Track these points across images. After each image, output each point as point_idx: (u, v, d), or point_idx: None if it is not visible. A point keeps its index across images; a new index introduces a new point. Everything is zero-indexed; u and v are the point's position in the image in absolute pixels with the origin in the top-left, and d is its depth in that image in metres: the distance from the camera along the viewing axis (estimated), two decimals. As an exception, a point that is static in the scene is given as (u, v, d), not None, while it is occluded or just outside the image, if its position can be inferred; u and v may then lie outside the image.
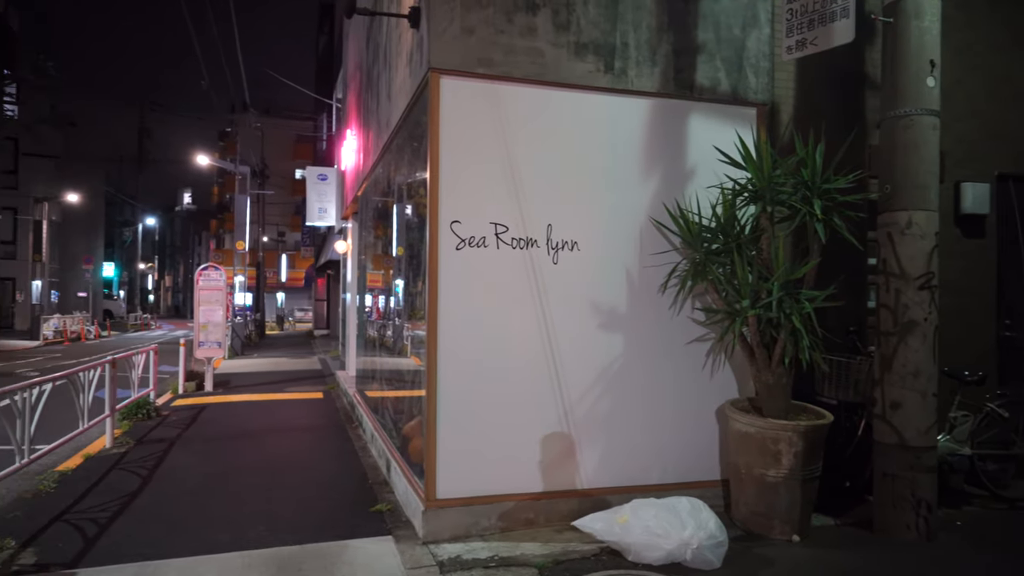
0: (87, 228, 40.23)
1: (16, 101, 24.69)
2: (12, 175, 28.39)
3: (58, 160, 33.68)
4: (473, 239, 4.35)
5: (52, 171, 33.44)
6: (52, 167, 33.40)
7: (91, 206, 39.32)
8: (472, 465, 4.33)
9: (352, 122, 10.15)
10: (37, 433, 5.13)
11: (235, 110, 35.65)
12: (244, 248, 22.15)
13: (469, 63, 4.32)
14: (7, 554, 4.01)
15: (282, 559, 3.95)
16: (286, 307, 46.25)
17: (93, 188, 38.98)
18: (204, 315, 11.57)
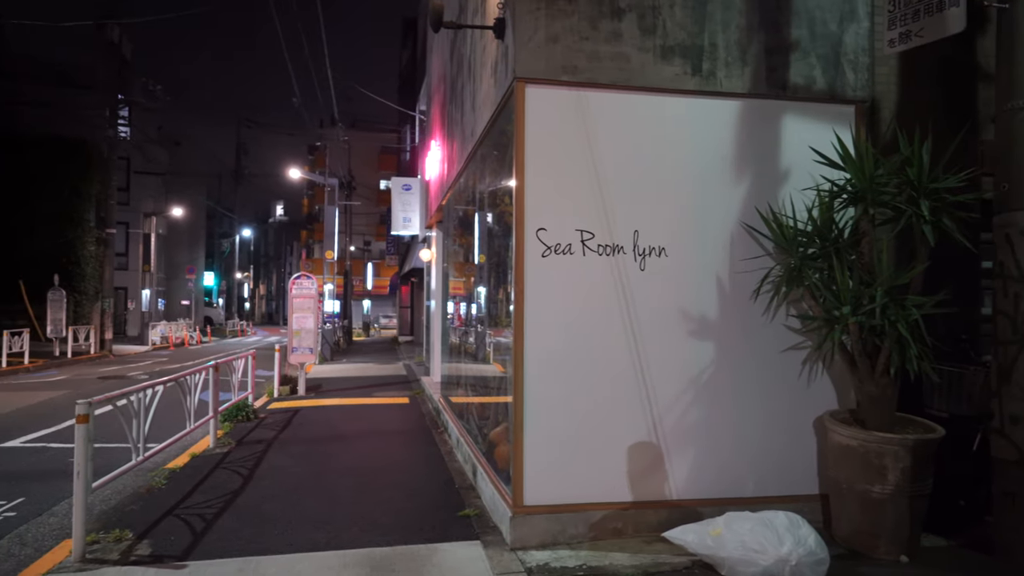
0: (190, 240, 42.75)
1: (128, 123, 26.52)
2: (124, 192, 30.50)
3: (164, 177, 35.97)
4: (559, 246, 4.35)
5: (159, 187, 35.77)
6: (159, 184, 35.72)
7: (193, 219, 41.77)
8: (559, 473, 4.32)
9: (436, 133, 10.36)
10: (149, 432, 5.45)
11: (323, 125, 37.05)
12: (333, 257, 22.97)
13: (554, 71, 4.33)
14: (126, 544, 4.28)
15: (375, 559, 4.05)
16: (372, 314, 47.60)
17: (195, 202, 41.41)
18: (297, 322, 12.05)
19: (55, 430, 8.38)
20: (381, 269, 46.22)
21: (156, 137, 33.07)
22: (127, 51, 24.88)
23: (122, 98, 22.90)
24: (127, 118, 25.69)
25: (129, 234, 32.77)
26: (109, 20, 19.39)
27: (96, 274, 25.88)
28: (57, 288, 20.25)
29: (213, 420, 7.34)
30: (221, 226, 51.60)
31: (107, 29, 20.43)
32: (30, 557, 4.24)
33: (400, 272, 32.19)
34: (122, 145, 24.93)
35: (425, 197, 13.55)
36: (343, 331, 25.96)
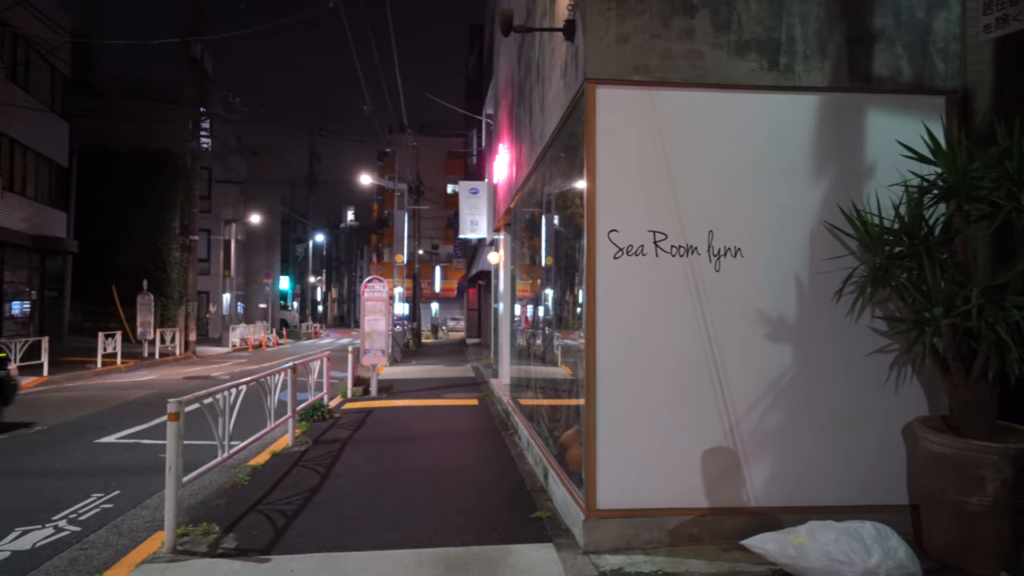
0: (266, 245, 44.39)
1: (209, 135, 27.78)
2: (206, 200, 31.94)
3: (243, 185, 37.46)
4: (631, 248, 4.31)
5: (238, 195, 37.29)
6: (238, 192, 37.25)
7: (269, 225, 43.36)
8: (633, 477, 4.27)
9: (504, 136, 10.41)
10: (233, 430, 5.67)
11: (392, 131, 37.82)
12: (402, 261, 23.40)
13: (625, 71, 4.29)
14: (213, 537, 4.47)
15: (450, 559, 4.09)
16: (439, 316, 48.26)
17: (271, 209, 42.98)
18: (369, 324, 12.32)
19: (146, 427, 8.83)
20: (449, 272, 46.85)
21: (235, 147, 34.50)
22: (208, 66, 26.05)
23: (204, 111, 24.00)
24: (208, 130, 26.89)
25: (211, 240, 34.28)
26: (192, 38, 20.34)
27: (181, 279, 27.16)
28: (146, 293, 21.34)
29: (291, 419, 7.58)
30: (295, 232, 53.35)
31: (190, 46, 21.43)
32: (126, 547, 4.47)
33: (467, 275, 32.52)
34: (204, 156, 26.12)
35: (492, 200, 13.64)
36: (412, 333, 26.41)
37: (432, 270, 46.22)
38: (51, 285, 23.10)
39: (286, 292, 51.34)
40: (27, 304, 21.29)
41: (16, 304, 20.68)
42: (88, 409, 10.36)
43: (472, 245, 27.65)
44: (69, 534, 4.74)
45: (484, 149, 19.49)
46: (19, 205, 20.27)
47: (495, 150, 11.92)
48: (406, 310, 31.11)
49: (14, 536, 4.67)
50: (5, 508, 5.28)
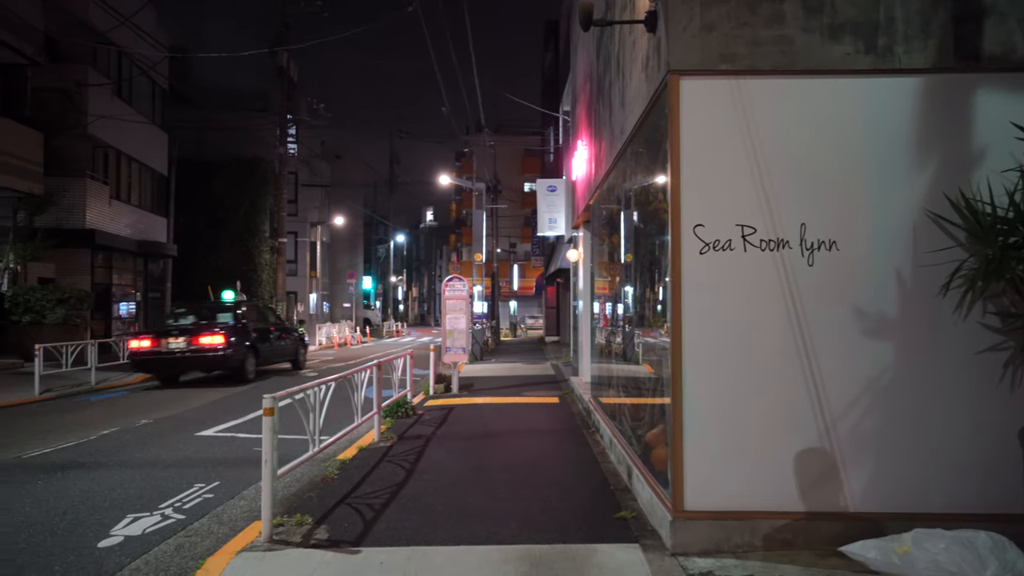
0: (350, 246, 45.77)
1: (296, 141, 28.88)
2: (293, 204, 33.22)
3: (327, 188, 38.74)
4: (718, 242, 4.19)
5: (323, 198, 38.61)
6: (323, 195, 38.55)
7: (352, 227, 44.69)
8: (722, 478, 4.15)
9: (582, 133, 10.34)
10: (322, 426, 5.86)
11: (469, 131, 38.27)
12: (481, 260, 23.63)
13: (710, 61, 4.17)
14: (306, 528, 4.63)
15: (534, 556, 4.09)
16: (518, 315, 48.48)
17: (354, 211, 44.28)
18: (450, 323, 12.50)
19: (241, 421, 9.25)
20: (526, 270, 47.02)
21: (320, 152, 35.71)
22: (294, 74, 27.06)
23: (291, 117, 24.95)
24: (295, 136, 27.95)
25: (298, 242, 35.65)
26: (280, 47, 21.17)
27: (271, 280, 28.37)
28: (240, 293, 22.36)
29: (377, 416, 7.77)
30: (377, 233, 54.79)
31: (277, 55, 22.31)
32: (226, 535, 4.69)
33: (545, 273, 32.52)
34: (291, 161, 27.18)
35: (571, 198, 13.58)
36: (491, 331, 26.64)
37: (510, 268, 46.50)
38: (153, 287, 24.56)
39: (369, 292, 52.78)
40: (133, 305, 22.72)
41: (124, 305, 22.10)
42: (189, 403, 10.95)
43: (550, 243, 27.63)
44: (175, 521, 5.01)
45: (561, 146, 19.43)
46: (125, 212, 21.64)
47: (573, 147, 11.86)
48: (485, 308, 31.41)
49: (127, 522, 4.97)
50: (119, 496, 5.64)
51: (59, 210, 18.50)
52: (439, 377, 12.25)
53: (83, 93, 18.82)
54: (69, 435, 8.20)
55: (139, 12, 18.06)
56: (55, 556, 4.30)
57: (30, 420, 9.31)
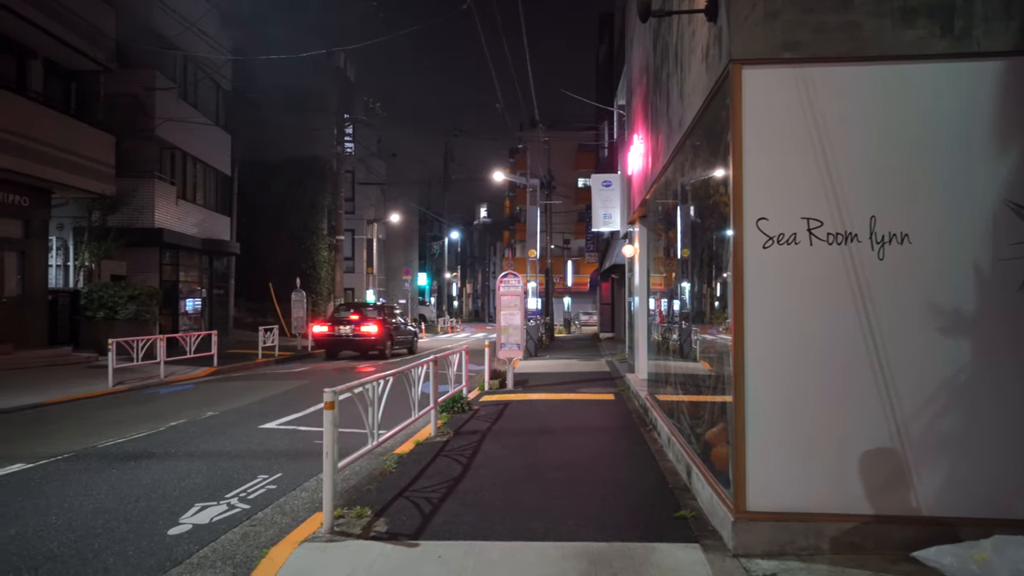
0: (405, 243, 46.40)
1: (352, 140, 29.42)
2: (350, 202, 33.86)
3: (383, 186, 39.34)
4: (782, 236, 4.06)
5: (379, 196, 39.23)
6: (379, 193, 39.17)
7: (407, 224, 45.29)
8: (786, 478, 4.03)
9: (638, 127, 10.20)
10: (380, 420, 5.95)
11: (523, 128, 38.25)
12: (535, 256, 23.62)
13: (773, 49, 4.05)
14: (366, 520, 4.71)
15: (592, 554, 4.06)
16: (572, 311, 48.29)
17: (409, 209, 44.85)
18: (505, 319, 12.52)
19: (302, 415, 9.48)
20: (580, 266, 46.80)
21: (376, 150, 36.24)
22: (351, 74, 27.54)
23: (347, 117, 25.41)
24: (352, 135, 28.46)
25: (355, 240, 36.33)
26: (337, 48, 21.56)
27: (329, 277, 28.98)
28: (299, 290, 22.94)
29: (433, 411, 7.85)
30: (431, 229, 55.37)
31: (335, 57, 22.73)
32: (289, 526, 4.80)
33: (600, 269, 32.30)
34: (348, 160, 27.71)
35: (626, 193, 13.43)
36: (545, 328, 26.61)
37: (564, 264, 46.36)
38: (218, 284, 25.41)
39: (423, 288, 53.38)
40: (199, 301, 23.54)
41: (190, 301, 22.93)
42: (252, 397, 11.28)
43: (604, 239, 27.42)
44: (240, 511, 5.17)
45: (616, 141, 19.25)
46: (191, 212, 22.43)
47: (628, 141, 11.73)
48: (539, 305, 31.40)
49: (195, 511, 5.15)
50: (188, 485, 5.85)
51: (130, 210, 19.30)
52: (494, 373, 12.30)
53: (151, 97, 19.57)
54: (140, 426, 8.55)
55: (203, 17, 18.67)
56: (129, 541, 4.48)
57: (104, 411, 9.74)
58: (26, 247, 16.01)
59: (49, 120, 15.44)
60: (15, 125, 14.18)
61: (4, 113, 13.93)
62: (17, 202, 15.45)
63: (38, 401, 10.27)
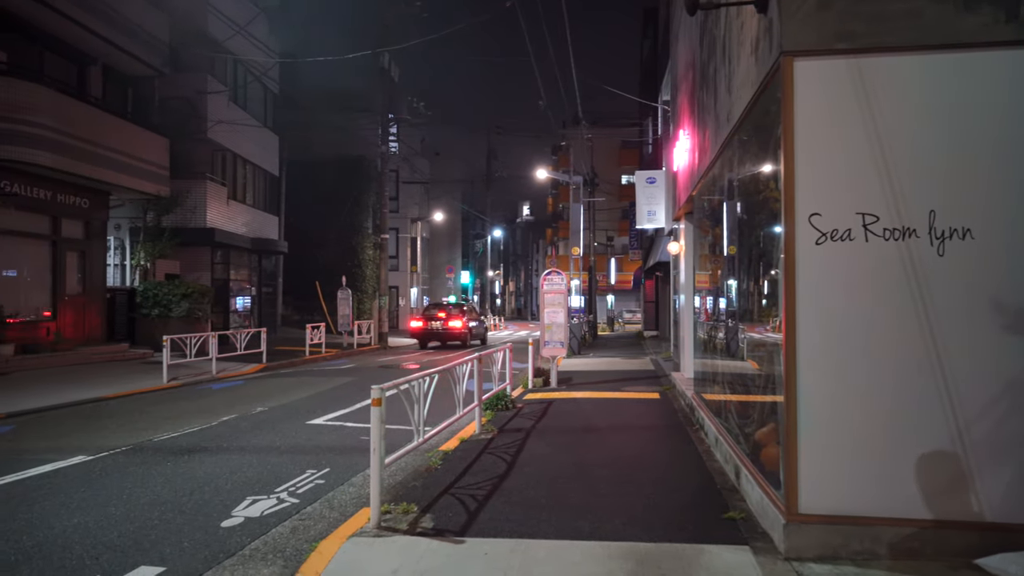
0: (448, 242, 46.69)
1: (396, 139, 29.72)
2: (394, 200, 34.21)
3: (427, 185, 39.66)
4: (836, 232, 3.95)
5: (422, 195, 39.56)
6: (422, 191, 39.50)
7: (451, 222, 45.56)
8: (840, 480, 3.93)
9: (683, 122, 10.06)
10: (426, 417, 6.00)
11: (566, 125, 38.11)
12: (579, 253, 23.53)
13: (827, 40, 3.94)
14: (412, 517, 4.75)
15: (639, 554, 4.02)
16: (615, 309, 47.95)
17: (452, 207, 45.11)
18: (548, 317, 12.49)
19: (349, 411, 9.62)
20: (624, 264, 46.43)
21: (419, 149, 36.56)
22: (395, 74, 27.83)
23: (392, 117, 25.68)
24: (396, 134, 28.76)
25: (399, 238, 36.71)
26: (381, 49, 21.80)
27: (374, 275, 29.36)
28: (344, 288, 23.28)
29: (478, 408, 7.88)
30: (474, 228, 55.60)
31: (379, 57, 22.99)
32: (337, 520, 4.87)
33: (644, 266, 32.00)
34: (392, 159, 28.01)
35: (671, 189, 13.26)
36: (588, 326, 26.47)
37: (607, 262, 46.04)
38: (266, 282, 25.97)
39: (467, 286, 53.67)
40: (248, 299, 24.10)
41: (240, 299, 23.49)
42: (300, 393, 11.50)
43: (648, 236, 27.16)
44: (289, 505, 5.26)
45: (660, 137, 19.03)
46: (241, 212, 22.97)
47: (674, 137, 11.57)
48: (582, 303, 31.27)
49: (246, 504, 5.27)
50: (239, 479, 5.98)
51: (183, 210, 19.87)
52: (537, 371, 12.28)
53: (203, 100, 20.10)
54: (193, 420, 8.79)
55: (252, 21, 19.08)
56: (184, 533, 4.61)
57: (160, 406, 10.05)
58: (86, 247, 16.62)
59: (108, 124, 15.99)
60: (77, 129, 14.73)
61: (68, 118, 14.48)
62: (78, 204, 16.05)
63: (98, 395, 10.66)
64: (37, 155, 13.78)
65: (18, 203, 14.38)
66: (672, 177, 12.66)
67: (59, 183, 15.22)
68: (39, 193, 14.88)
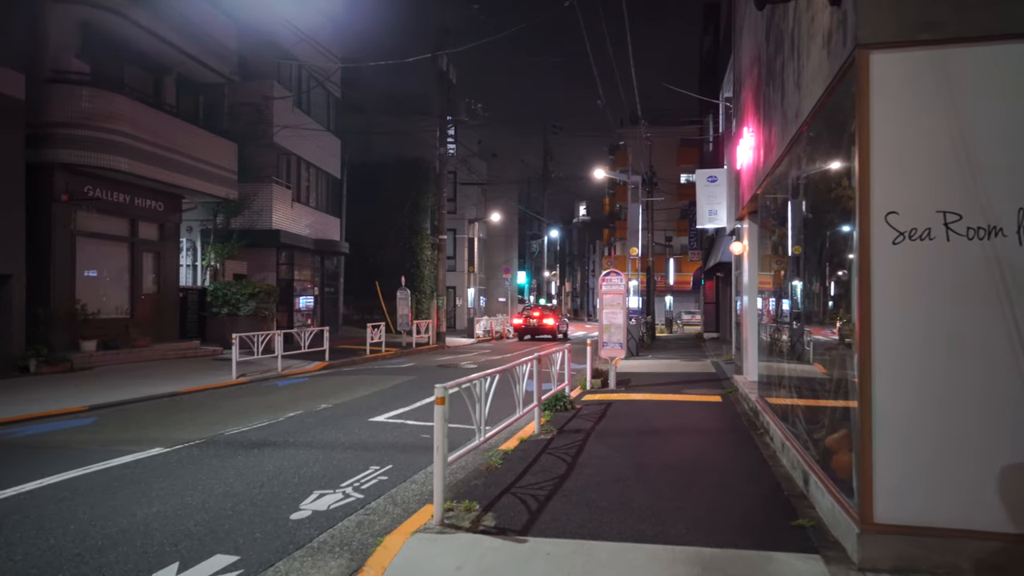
0: (504, 242, 46.84)
1: (454, 141, 30.03)
2: (452, 202, 34.61)
3: (484, 186, 39.91)
4: (914, 232, 3.79)
5: (479, 196, 39.81)
6: (479, 192, 39.75)
7: (507, 223, 45.69)
8: (919, 490, 3.77)
9: (748, 119, 9.84)
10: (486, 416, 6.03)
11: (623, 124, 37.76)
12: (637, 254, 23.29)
13: (907, 31, 3.78)
14: (474, 515, 4.78)
15: (705, 559, 3.95)
16: (674, 310, 47.25)
17: (508, 207, 45.23)
18: (607, 317, 12.40)
19: (409, 408, 9.76)
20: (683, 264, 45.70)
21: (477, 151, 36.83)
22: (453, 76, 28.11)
23: (450, 119, 25.94)
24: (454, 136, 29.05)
25: (456, 239, 37.06)
26: (440, 52, 22.05)
27: (432, 275, 29.69)
28: (403, 288, 23.64)
29: (537, 408, 7.88)
30: (531, 228, 55.62)
31: (438, 60, 23.26)
32: (400, 516, 4.95)
33: (704, 267, 31.43)
34: (450, 160, 28.30)
35: (734, 188, 12.98)
36: (646, 327, 26.16)
37: (665, 263, 45.38)
38: (329, 282, 26.59)
39: (523, 286, 53.70)
40: (311, 299, 24.72)
41: (303, 299, 24.12)
42: (362, 391, 11.73)
43: (709, 236, 26.66)
44: (354, 500, 5.38)
45: (721, 135, 18.66)
46: (305, 214, 23.59)
47: (737, 134, 11.33)
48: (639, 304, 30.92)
49: (313, 497, 5.40)
50: (306, 473, 6.14)
51: (250, 213, 20.54)
52: (596, 372, 12.21)
53: (269, 106, 20.73)
54: (261, 416, 9.07)
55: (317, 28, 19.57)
56: (256, 524, 4.76)
57: (230, 401, 10.41)
58: (161, 248, 17.36)
59: (182, 131, 16.66)
60: (153, 136, 15.40)
61: (145, 126, 15.15)
62: (153, 207, 16.78)
63: (173, 390, 11.11)
64: (117, 161, 14.46)
65: (100, 207, 15.13)
66: (735, 175, 12.40)
67: (136, 187, 15.94)
68: (118, 197, 15.61)
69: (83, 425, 8.42)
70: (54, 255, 14.01)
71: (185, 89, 18.45)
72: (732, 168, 12.86)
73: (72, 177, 14.30)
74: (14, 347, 12.81)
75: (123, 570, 3.97)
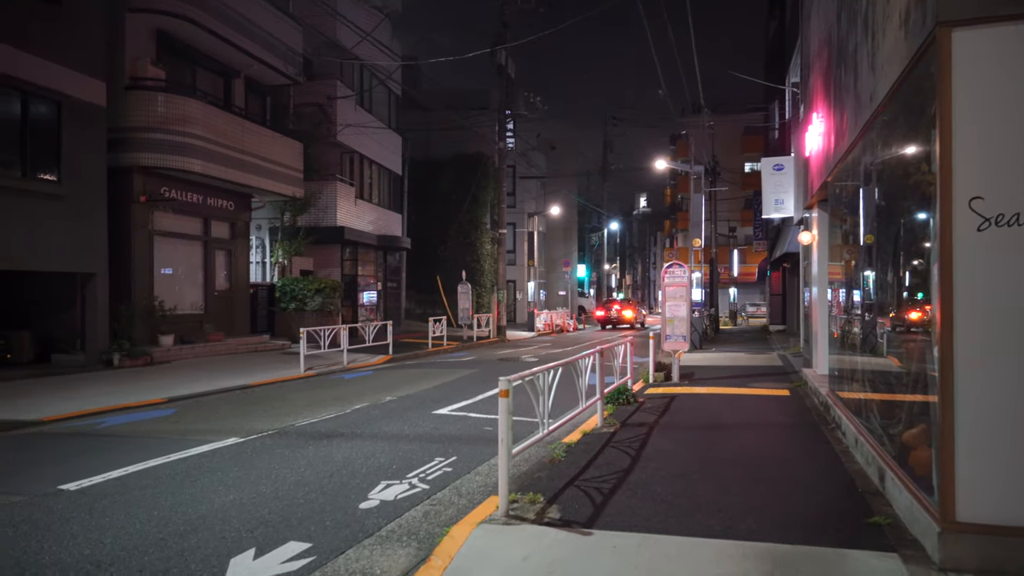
0: (564, 235, 46.70)
1: (513, 135, 30.07)
2: (511, 196, 34.70)
3: (543, 180, 39.88)
4: (1001, 217, 3.60)
5: (539, 189, 39.82)
6: (538, 186, 39.75)
7: (566, 216, 45.54)
8: (1005, 488, 3.58)
9: (817, 105, 9.52)
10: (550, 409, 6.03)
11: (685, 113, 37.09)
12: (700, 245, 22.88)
13: (992, 5, 3.58)
14: (539, 507, 4.80)
15: (776, 556, 3.86)
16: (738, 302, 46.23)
17: (568, 200, 45.08)
18: (670, 310, 12.23)
19: (472, 401, 9.86)
20: (747, 255, 44.59)
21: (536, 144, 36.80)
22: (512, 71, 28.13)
23: (509, 113, 25.99)
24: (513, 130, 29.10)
25: (516, 233, 37.17)
26: (499, 47, 22.10)
27: (492, 269, 29.87)
28: (464, 282, 23.87)
29: (599, 402, 7.84)
30: (590, 221, 55.27)
31: (497, 54, 23.32)
32: (465, 507, 5.01)
33: (769, 258, 30.61)
34: (509, 155, 28.37)
35: (802, 176, 12.59)
36: (710, 319, 25.68)
37: (729, 254, 44.38)
38: (391, 277, 27.08)
39: (583, 279, 53.48)
40: (374, 294, 25.23)
41: (366, 294, 24.64)
42: (425, 384, 11.91)
43: (774, 226, 25.94)
44: (420, 490, 5.47)
45: (788, 121, 18.11)
46: (367, 210, 24.06)
47: (806, 120, 10.97)
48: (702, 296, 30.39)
49: (381, 487, 5.52)
50: (373, 464, 6.29)
51: (316, 210, 21.09)
52: (658, 365, 12.06)
53: (333, 105, 21.21)
54: (329, 408, 9.32)
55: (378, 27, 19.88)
56: (326, 513, 4.90)
57: (299, 393, 10.74)
58: (232, 246, 18.00)
59: (250, 132, 17.22)
60: (224, 138, 15.97)
61: (216, 128, 15.72)
62: (225, 206, 17.41)
63: (246, 383, 11.54)
64: (191, 163, 15.06)
65: (175, 207, 15.80)
66: (803, 163, 12.02)
67: (208, 188, 16.57)
68: (192, 197, 16.26)
69: (164, 416, 8.83)
70: (134, 254, 14.70)
71: (252, 91, 19.05)
72: (800, 155, 12.47)
73: (149, 179, 14.97)
74: (99, 342, 13.53)
75: (203, 555, 4.15)
